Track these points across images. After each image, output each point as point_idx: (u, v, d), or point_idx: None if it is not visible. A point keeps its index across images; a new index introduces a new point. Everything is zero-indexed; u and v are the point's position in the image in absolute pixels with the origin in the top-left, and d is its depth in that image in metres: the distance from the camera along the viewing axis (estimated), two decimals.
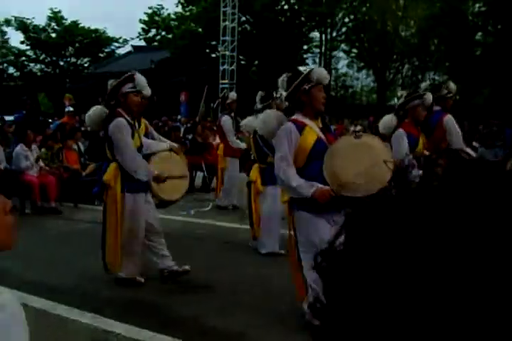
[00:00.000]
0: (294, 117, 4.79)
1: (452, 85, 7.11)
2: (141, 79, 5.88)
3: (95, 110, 6.03)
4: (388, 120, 6.51)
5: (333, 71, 36.36)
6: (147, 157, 6.03)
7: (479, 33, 30.07)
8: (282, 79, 4.88)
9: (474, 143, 16.18)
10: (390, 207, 0.58)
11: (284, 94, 5.07)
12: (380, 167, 4.41)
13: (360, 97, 38.96)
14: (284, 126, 4.71)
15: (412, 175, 0.63)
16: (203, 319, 5.03)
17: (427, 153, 6.47)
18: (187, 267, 6.11)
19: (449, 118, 6.88)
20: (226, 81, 24.72)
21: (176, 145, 6.53)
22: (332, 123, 22.14)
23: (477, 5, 29.50)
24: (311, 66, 33.61)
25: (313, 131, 4.71)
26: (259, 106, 7.36)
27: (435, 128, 6.88)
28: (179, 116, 22.54)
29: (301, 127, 4.68)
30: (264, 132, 5.11)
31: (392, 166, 4.51)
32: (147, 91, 6.04)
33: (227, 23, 24.90)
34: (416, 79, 32.39)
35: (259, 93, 7.56)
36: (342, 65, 38.27)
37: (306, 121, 4.73)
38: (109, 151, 5.90)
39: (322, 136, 4.75)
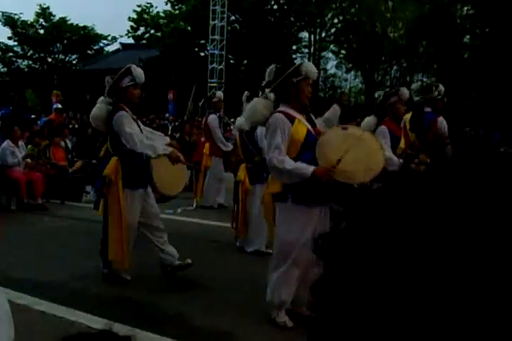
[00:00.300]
0: (281, 109, 4.72)
1: (442, 87, 7.21)
2: (138, 71, 5.88)
3: (99, 107, 5.95)
4: (368, 120, 6.59)
5: (322, 72, 36.38)
6: None
7: (467, 36, 30.26)
8: (271, 69, 4.82)
9: None
10: (395, 193, 0.59)
11: (268, 91, 5.00)
12: (374, 156, 4.47)
13: (348, 98, 39.06)
14: (274, 117, 4.64)
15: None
16: (191, 317, 5.02)
17: (409, 151, 6.55)
18: (189, 260, 6.08)
19: (442, 120, 7.01)
20: (215, 80, 24.70)
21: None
22: None
23: (465, 8, 29.71)
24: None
25: (302, 123, 4.68)
26: (245, 106, 7.35)
27: (428, 129, 6.97)
28: (167, 115, 22.52)
29: (291, 119, 4.64)
30: (252, 119, 5.00)
31: (385, 155, 4.57)
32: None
33: (216, 21, 24.89)
34: (404, 80, 32.50)
35: (245, 93, 7.58)
36: (331, 65, 38.42)
37: (294, 113, 4.69)
38: (111, 145, 5.86)
39: (311, 128, 4.74)
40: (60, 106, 15.82)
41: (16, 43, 39.83)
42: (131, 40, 40.65)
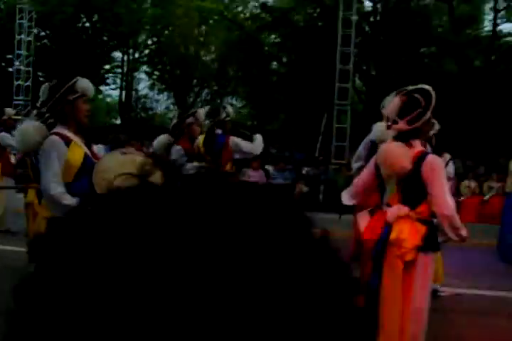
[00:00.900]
0: (56, 130, 4.55)
1: (230, 109, 7.54)
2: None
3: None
4: (160, 139, 6.73)
5: (134, 92, 36.30)
6: None
7: (274, 62, 31.74)
8: (44, 87, 4.67)
9: (267, 167, 17.04)
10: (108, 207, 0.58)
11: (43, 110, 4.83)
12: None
13: (161, 119, 39.16)
14: (49, 140, 4.47)
15: None
16: None
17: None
18: None
19: (233, 139, 7.32)
20: (21, 97, 23.64)
21: None
22: (132, 145, 22.05)
23: (273, 36, 31.16)
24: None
25: (78, 146, 4.55)
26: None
27: (222, 150, 7.20)
28: None
29: (67, 141, 4.49)
30: (24, 147, 4.79)
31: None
32: None
33: (22, 36, 23.87)
34: (215, 103, 33.33)
35: (33, 112, 7.38)
36: (143, 86, 38.25)
37: (71, 135, 4.55)
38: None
39: (88, 151, 4.63)
40: None
41: None
42: None
